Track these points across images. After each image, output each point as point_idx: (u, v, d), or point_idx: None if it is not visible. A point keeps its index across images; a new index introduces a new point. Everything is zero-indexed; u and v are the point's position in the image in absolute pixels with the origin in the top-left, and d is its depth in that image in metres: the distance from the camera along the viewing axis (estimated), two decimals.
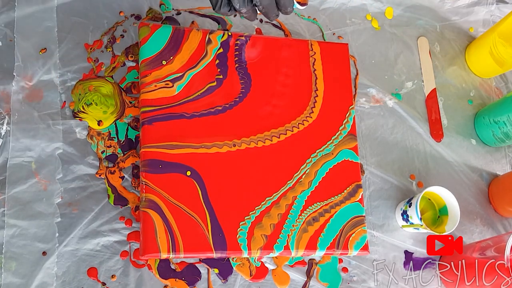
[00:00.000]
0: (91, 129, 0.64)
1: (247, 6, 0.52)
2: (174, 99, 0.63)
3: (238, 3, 0.51)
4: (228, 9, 0.52)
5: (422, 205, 0.70)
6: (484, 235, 0.74)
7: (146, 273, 0.61)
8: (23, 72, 0.64)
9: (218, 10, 0.52)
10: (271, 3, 0.53)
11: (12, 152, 0.61)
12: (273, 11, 0.54)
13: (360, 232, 0.64)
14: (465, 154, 0.78)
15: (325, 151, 0.67)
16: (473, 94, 0.81)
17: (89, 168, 0.63)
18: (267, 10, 0.53)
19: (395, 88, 0.77)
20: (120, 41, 0.68)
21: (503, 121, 0.73)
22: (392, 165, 0.73)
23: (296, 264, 0.65)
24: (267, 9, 0.53)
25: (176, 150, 0.61)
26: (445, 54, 0.82)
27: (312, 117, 0.68)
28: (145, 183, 0.59)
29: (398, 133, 0.75)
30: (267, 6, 0.53)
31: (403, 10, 0.82)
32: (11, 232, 0.58)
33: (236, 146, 0.64)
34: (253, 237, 0.61)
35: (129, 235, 0.62)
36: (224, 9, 0.52)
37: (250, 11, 0.53)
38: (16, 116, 0.62)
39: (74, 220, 0.60)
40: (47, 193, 0.61)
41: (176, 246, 0.58)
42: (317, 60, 0.70)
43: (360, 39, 0.78)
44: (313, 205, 0.64)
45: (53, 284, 0.58)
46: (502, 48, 0.76)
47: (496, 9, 0.87)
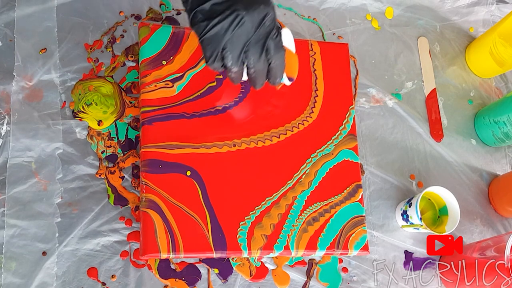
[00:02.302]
0: (91, 129, 0.64)
1: (238, 66, 0.50)
2: (174, 99, 0.63)
3: (231, 61, 0.49)
4: (220, 64, 0.49)
5: (422, 205, 0.70)
6: (484, 235, 0.74)
7: (146, 273, 0.61)
8: (23, 72, 0.64)
9: (210, 64, 0.49)
10: (263, 70, 0.51)
11: (12, 152, 0.61)
12: (261, 78, 0.52)
13: (360, 232, 0.64)
14: (465, 154, 0.78)
15: (325, 151, 0.67)
16: (473, 94, 0.81)
17: (89, 168, 0.63)
18: (257, 75, 0.52)
19: (395, 88, 0.78)
20: (120, 41, 0.68)
21: (503, 121, 0.73)
22: (392, 165, 0.73)
23: (296, 264, 0.65)
24: (257, 74, 0.51)
25: (176, 150, 0.61)
26: (445, 54, 0.82)
27: (312, 117, 0.68)
28: (145, 183, 0.59)
29: (398, 133, 0.75)
30: (258, 71, 0.51)
31: (403, 10, 0.82)
32: (11, 232, 0.58)
33: (236, 146, 0.64)
34: (253, 237, 0.61)
35: (129, 235, 0.62)
36: (216, 64, 0.49)
37: (239, 72, 0.51)
38: (16, 116, 0.62)
39: (74, 220, 0.60)
40: (47, 193, 0.61)
41: (176, 246, 0.58)
42: (317, 60, 0.70)
43: (360, 39, 0.78)
44: (313, 205, 0.64)
45: (53, 284, 0.58)
46: (502, 48, 0.76)
47: (496, 9, 0.87)
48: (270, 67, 0.52)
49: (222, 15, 0.46)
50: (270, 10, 0.48)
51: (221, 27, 0.46)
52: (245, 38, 0.47)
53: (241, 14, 0.46)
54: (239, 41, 0.48)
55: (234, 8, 0.46)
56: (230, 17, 0.46)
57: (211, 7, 0.47)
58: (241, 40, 0.47)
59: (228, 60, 0.49)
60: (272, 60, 0.51)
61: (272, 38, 0.49)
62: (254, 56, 0.49)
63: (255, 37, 0.48)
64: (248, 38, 0.48)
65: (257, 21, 0.47)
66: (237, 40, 0.47)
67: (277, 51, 0.50)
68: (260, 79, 0.53)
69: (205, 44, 0.48)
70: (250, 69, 0.50)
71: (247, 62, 0.50)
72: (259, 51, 0.49)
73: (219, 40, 0.47)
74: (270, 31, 0.49)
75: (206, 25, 0.47)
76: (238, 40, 0.47)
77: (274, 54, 0.50)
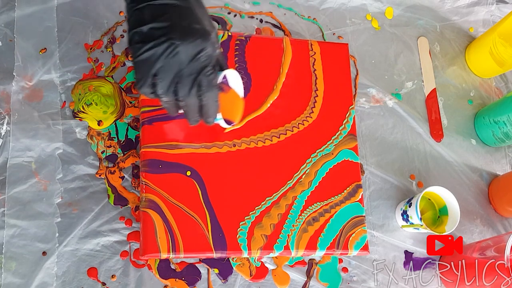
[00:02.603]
0: (91, 129, 0.64)
1: (169, 96, 0.48)
2: None
3: (161, 89, 0.48)
4: (150, 90, 0.48)
5: (422, 205, 0.70)
6: (484, 235, 0.74)
7: (146, 273, 0.61)
8: (23, 72, 0.64)
9: (139, 88, 0.48)
10: (194, 105, 0.50)
11: (12, 152, 0.61)
12: (194, 114, 0.52)
13: (360, 232, 0.64)
14: (465, 154, 0.78)
15: (325, 151, 0.67)
16: (473, 94, 0.81)
17: (89, 168, 0.63)
18: (188, 110, 0.51)
19: (395, 88, 0.78)
20: (120, 41, 0.68)
21: (503, 121, 0.73)
22: (392, 165, 0.73)
23: (296, 264, 0.65)
24: (188, 109, 0.51)
25: (176, 150, 0.61)
26: (445, 54, 0.82)
27: (312, 117, 0.68)
28: (145, 183, 0.59)
29: (398, 133, 0.75)
30: (189, 106, 0.50)
31: (403, 10, 0.82)
32: (11, 232, 0.58)
33: (236, 146, 0.64)
34: (253, 237, 0.61)
35: (129, 235, 0.62)
36: (146, 89, 0.48)
37: (172, 102, 0.50)
38: (16, 116, 0.62)
39: (74, 220, 0.60)
40: (47, 193, 0.61)
41: (176, 246, 0.58)
42: (317, 60, 0.70)
43: (360, 39, 0.78)
44: (313, 205, 0.64)
45: (53, 284, 0.58)
46: (502, 48, 0.76)
47: (496, 9, 0.87)
48: (202, 104, 0.50)
49: (157, 41, 0.45)
50: (207, 46, 0.47)
51: (154, 52, 0.46)
52: (176, 69, 0.47)
53: (176, 43, 0.45)
54: (170, 71, 0.47)
55: (170, 36, 0.45)
56: (164, 45, 0.45)
57: (149, 30, 0.46)
58: (173, 70, 0.47)
59: (158, 88, 0.48)
60: (203, 98, 0.49)
61: (205, 74, 0.48)
62: (184, 89, 0.48)
63: (187, 70, 0.47)
64: (180, 69, 0.47)
65: (191, 54, 0.46)
66: (169, 69, 0.46)
67: (209, 89, 0.49)
68: (192, 115, 0.52)
69: (137, 66, 0.47)
70: (180, 102, 0.49)
71: (178, 95, 0.49)
72: (189, 85, 0.48)
73: (150, 65, 0.46)
74: (204, 67, 0.48)
75: (140, 48, 0.46)
76: (169, 69, 0.46)
77: (206, 91, 0.49)
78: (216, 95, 0.51)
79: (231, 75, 0.55)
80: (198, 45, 0.46)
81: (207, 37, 0.47)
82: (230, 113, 0.57)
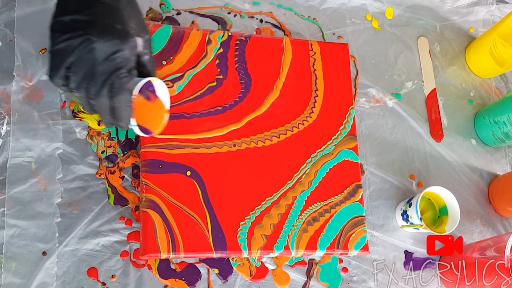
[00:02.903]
0: (91, 129, 0.64)
1: (81, 92, 0.47)
2: (174, 99, 0.63)
3: (73, 84, 0.47)
4: (62, 83, 0.47)
5: (422, 205, 0.70)
6: (484, 235, 0.74)
7: (146, 273, 0.61)
8: (23, 72, 0.64)
9: (52, 78, 0.47)
10: (105, 106, 0.49)
11: (12, 152, 0.61)
12: (105, 115, 0.50)
13: (360, 232, 0.64)
14: (465, 154, 0.78)
15: (325, 151, 0.67)
16: (473, 94, 0.81)
17: (89, 168, 0.63)
18: (100, 110, 0.49)
19: (395, 88, 0.77)
20: None
21: (503, 121, 0.73)
22: (392, 165, 0.73)
23: (296, 264, 0.65)
24: (100, 109, 0.49)
25: (176, 150, 0.61)
26: (445, 54, 0.82)
27: (312, 117, 0.68)
28: (145, 183, 0.59)
29: (398, 133, 0.75)
30: (100, 107, 0.49)
31: (403, 10, 0.82)
32: (11, 232, 0.58)
33: (236, 146, 0.64)
34: (253, 237, 0.61)
35: (129, 235, 0.62)
36: (58, 81, 0.47)
37: (84, 99, 0.48)
38: (16, 116, 0.62)
39: (74, 220, 0.60)
40: (47, 193, 0.61)
41: (176, 246, 0.58)
42: (317, 60, 0.70)
43: (360, 39, 0.78)
44: (313, 205, 0.64)
45: (53, 284, 0.58)
46: (502, 48, 0.76)
47: (496, 9, 0.87)
48: (114, 106, 0.49)
49: (74, 33, 0.45)
50: (125, 48, 0.46)
51: (70, 44, 0.45)
52: (89, 65, 0.46)
53: (92, 39, 0.45)
54: (83, 66, 0.46)
55: (88, 31, 0.45)
56: (80, 38, 0.45)
57: (70, 21, 0.45)
58: (86, 65, 0.46)
59: (71, 82, 0.47)
60: (114, 100, 0.48)
61: (118, 76, 0.47)
62: (95, 87, 0.47)
63: (100, 69, 0.46)
64: (93, 66, 0.46)
65: (106, 53, 0.46)
66: (82, 64, 0.46)
67: (120, 93, 0.48)
68: (104, 116, 0.50)
69: (51, 55, 0.46)
70: (91, 100, 0.48)
71: (89, 92, 0.48)
72: (100, 84, 0.47)
73: (64, 57, 0.46)
74: (118, 69, 0.47)
75: (58, 37, 0.45)
76: (82, 65, 0.46)
77: (117, 93, 0.48)
78: (128, 99, 0.49)
79: (159, 85, 0.54)
80: (115, 45, 0.46)
81: (127, 39, 0.46)
82: (150, 123, 0.55)
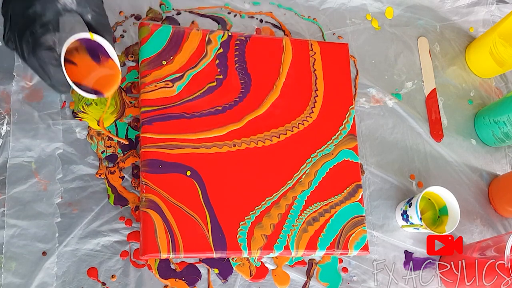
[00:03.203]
0: (91, 129, 0.64)
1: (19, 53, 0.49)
2: (174, 99, 0.63)
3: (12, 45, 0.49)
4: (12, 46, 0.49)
5: (422, 205, 0.70)
6: (484, 235, 0.74)
7: (146, 273, 0.61)
8: (23, 72, 0.64)
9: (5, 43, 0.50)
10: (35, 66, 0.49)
11: (12, 152, 0.61)
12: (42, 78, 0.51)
13: (360, 232, 0.64)
14: (465, 154, 0.78)
15: (325, 151, 0.67)
16: (473, 94, 0.81)
17: (89, 168, 0.63)
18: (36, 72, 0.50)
19: (395, 88, 0.78)
20: (120, 41, 0.68)
21: (503, 121, 0.73)
22: (392, 165, 0.73)
23: (296, 264, 0.65)
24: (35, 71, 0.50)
25: (176, 150, 0.61)
26: (445, 54, 0.82)
27: (312, 117, 0.68)
28: (145, 183, 0.59)
29: (398, 133, 0.75)
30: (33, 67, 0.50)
31: (403, 10, 0.82)
32: (11, 232, 0.58)
33: (236, 146, 0.64)
34: (253, 237, 0.61)
35: (129, 235, 0.62)
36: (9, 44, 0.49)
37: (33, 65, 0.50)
38: (16, 116, 0.62)
39: (74, 220, 0.60)
40: (47, 193, 0.61)
41: (176, 246, 0.58)
42: (317, 60, 0.70)
43: (360, 39, 0.78)
44: (313, 205, 0.64)
45: (53, 284, 0.58)
46: (502, 48, 0.76)
47: (496, 9, 0.87)
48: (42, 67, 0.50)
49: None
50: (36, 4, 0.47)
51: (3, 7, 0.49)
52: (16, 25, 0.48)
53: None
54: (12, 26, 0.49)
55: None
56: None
57: None
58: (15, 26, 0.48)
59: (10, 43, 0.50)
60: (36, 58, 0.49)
61: (32, 32, 0.48)
62: (20, 47, 0.48)
63: (19, 26, 0.48)
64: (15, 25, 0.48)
65: (21, 10, 0.48)
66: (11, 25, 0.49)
67: (37, 48, 0.48)
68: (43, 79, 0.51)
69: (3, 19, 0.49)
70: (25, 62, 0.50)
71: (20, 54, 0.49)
72: (20, 42, 0.48)
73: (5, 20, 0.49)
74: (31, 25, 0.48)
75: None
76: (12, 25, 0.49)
77: (35, 51, 0.48)
78: (50, 56, 0.49)
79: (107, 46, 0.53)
80: (27, 1, 0.47)
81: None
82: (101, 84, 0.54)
